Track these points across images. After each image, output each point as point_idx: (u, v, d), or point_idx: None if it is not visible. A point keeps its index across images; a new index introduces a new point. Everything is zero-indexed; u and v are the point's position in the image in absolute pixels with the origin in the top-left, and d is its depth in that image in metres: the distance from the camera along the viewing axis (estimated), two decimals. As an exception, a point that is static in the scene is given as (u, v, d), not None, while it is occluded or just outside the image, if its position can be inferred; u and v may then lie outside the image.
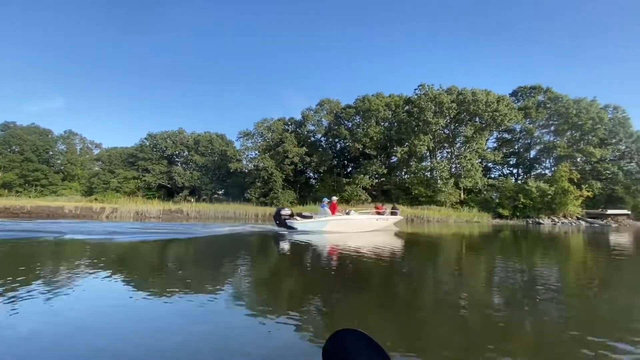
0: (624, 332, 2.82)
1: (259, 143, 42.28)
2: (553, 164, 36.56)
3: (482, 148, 35.62)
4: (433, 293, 4.42)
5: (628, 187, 33.30)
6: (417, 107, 34.78)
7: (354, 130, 38.66)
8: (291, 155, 38.44)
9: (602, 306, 3.76)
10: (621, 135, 35.03)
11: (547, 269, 6.34)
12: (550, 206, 29.93)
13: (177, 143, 46.65)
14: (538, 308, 3.55)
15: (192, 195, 44.22)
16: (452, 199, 33.40)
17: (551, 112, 36.12)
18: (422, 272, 5.98)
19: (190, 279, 4.47)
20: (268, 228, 13.31)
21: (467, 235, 14.64)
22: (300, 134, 42.06)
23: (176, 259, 6.36)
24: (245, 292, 3.94)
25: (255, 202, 36.91)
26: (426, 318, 3.27)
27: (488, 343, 2.52)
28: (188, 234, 10.98)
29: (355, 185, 37.47)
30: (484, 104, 32.65)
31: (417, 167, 36.66)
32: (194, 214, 23.01)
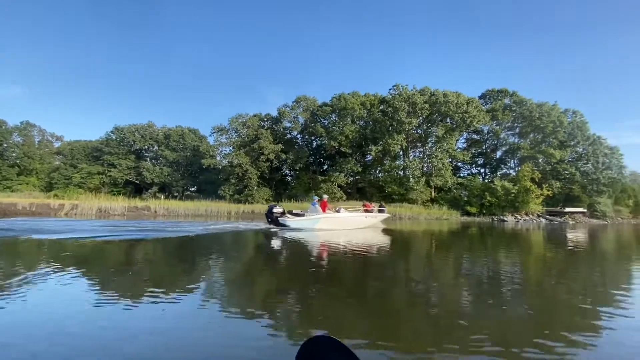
0: (578, 321, 3.03)
1: (234, 139, 41.39)
2: (517, 164, 38.48)
3: (453, 148, 36.88)
4: (406, 287, 4.50)
5: (584, 187, 35.71)
6: (391, 106, 35.37)
7: (330, 128, 38.75)
8: (267, 152, 37.95)
9: (558, 297, 3.99)
10: (579, 138, 37.42)
11: (510, 263, 6.66)
12: (513, 204, 31.51)
13: (146, 137, 44.70)
14: (501, 300, 3.73)
15: (162, 192, 42.61)
16: (423, 197, 34.35)
17: (516, 115, 37.97)
18: (398, 267, 6.10)
19: (156, 281, 4.21)
20: (243, 227, 12.97)
21: (438, 232, 15.23)
22: (276, 131, 41.61)
23: (142, 260, 6.03)
24: (217, 293, 3.76)
25: (229, 199, 36.14)
26: (399, 311, 3.32)
27: (456, 333, 2.61)
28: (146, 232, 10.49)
29: (331, 183, 37.64)
30: (455, 106, 33.77)
31: (391, 165, 37.37)
32: (163, 212, 22.10)
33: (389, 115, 35.94)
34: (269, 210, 13.16)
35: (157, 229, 11.70)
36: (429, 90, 35.85)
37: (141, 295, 3.51)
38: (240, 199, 35.91)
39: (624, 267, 6.70)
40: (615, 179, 37.06)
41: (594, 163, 36.80)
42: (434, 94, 35.00)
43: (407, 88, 36.46)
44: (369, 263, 6.39)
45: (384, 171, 38.48)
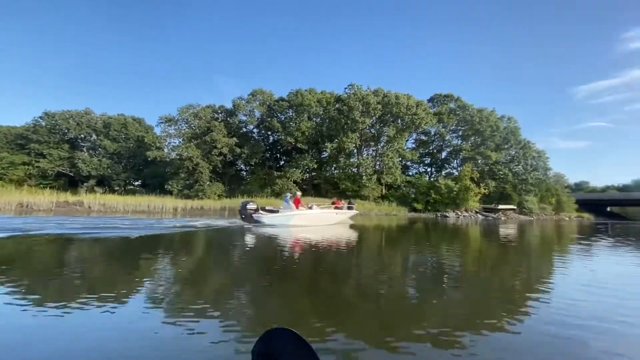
0: (509, 304, 3.34)
1: (184, 130, 39.23)
2: (459, 165, 41.55)
3: (402, 148, 38.73)
4: (360, 280, 4.61)
5: (515, 186, 39.68)
6: (346, 105, 36.07)
7: (287, 123, 38.48)
8: (220, 146, 36.57)
9: (492, 285, 4.39)
10: (512, 142, 41.41)
11: (451, 256, 7.19)
12: (455, 201, 34.04)
13: (82, 125, 40.52)
14: (443, 290, 3.98)
15: (101, 185, 39.10)
16: (375, 193, 35.66)
17: (460, 119, 40.94)
18: (355, 260, 6.24)
19: (94, 285, 3.76)
20: (190, 224, 12.15)
21: (389, 228, 15.96)
22: (231, 124, 40.23)
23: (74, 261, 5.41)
24: (165, 294, 3.44)
25: (178, 194, 34.26)
26: (352, 302, 3.36)
27: (404, 321, 2.76)
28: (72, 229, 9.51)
29: (287, 179, 37.45)
30: (405, 108, 35.45)
31: (346, 163, 38.20)
32: (98, 207, 20.16)
33: (344, 113, 36.63)
34: (243, 207, 13.03)
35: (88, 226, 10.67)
36: (382, 91, 37.17)
37: (72, 303, 3.08)
38: (190, 194, 34.21)
39: (546, 257, 7.66)
40: (541, 180, 41.73)
41: (524, 165, 41.04)
42: (387, 95, 36.37)
43: (362, 88, 37.46)
44: (329, 257, 6.51)
45: (339, 168, 39.19)
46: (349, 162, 38.29)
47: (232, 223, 13.32)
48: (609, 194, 62.58)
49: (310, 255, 6.74)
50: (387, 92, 36.90)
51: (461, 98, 42.15)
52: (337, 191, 37.25)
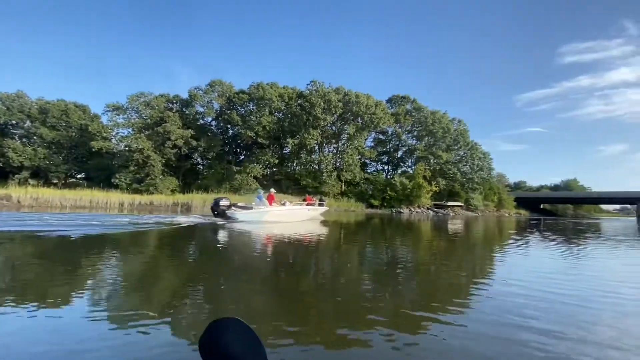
0: (455, 295, 3.58)
1: (134, 120, 36.68)
2: (413, 163, 43.73)
3: (362, 146, 39.86)
4: (318, 273, 4.65)
5: (463, 185, 42.73)
6: (308, 102, 36.22)
7: (247, 117, 37.64)
8: (174, 138, 34.76)
9: (441, 276, 4.68)
10: (461, 143, 44.44)
11: (405, 249, 7.60)
12: (409, 198, 35.86)
13: (13, 110, 36.13)
14: (397, 281, 4.17)
15: (36, 178, 35.28)
16: (334, 190, 36.33)
17: (415, 120, 43.03)
18: (315, 254, 6.31)
19: (25, 288, 3.36)
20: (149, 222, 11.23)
21: (348, 223, 16.43)
22: (186, 115, 38.37)
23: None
24: (109, 297, 3.16)
25: (127, 188, 32.02)
26: (309, 296, 3.38)
27: (359, 312, 2.82)
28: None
29: (247, 174, 36.73)
30: (365, 107, 36.46)
31: (307, 159, 38.37)
32: (29, 202, 18.14)
33: (306, 110, 36.72)
34: (215, 203, 12.97)
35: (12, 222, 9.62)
36: (343, 89, 37.82)
37: None
38: (141, 188, 32.13)
39: (488, 249, 8.43)
40: (485, 179, 45.38)
41: (471, 165, 44.30)
42: (347, 94, 37.09)
43: (324, 85, 37.82)
44: (295, 252, 6.55)
45: (300, 164, 39.26)
46: (310, 159, 38.52)
47: (207, 219, 12.92)
48: (542, 192, 69.86)
49: (276, 250, 6.77)
50: (347, 91, 37.63)
51: (417, 100, 44.33)
52: (297, 187, 37.33)
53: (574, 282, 4.31)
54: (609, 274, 5.08)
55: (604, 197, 58.77)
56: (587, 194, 63.33)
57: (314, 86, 37.79)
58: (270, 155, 37.98)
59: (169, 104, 39.14)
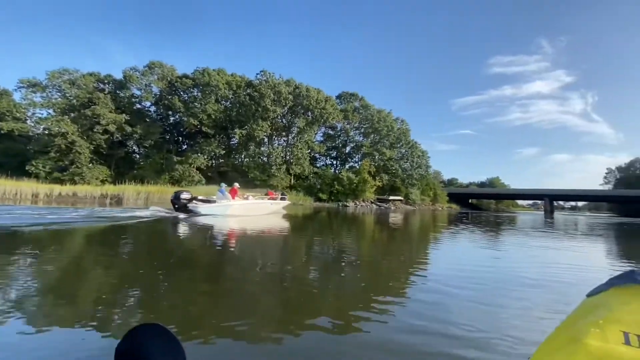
0: (395, 285, 3.76)
1: (55, 100, 32.26)
2: (360, 159, 45.42)
3: (311, 140, 40.22)
4: (265, 267, 4.56)
5: (403, 180, 45.58)
6: (257, 92, 35.34)
7: (191, 103, 35.46)
8: (105, 122, 31.38)
9: (382, 267, 4.88)
10: (403, 141, 47.29)
11: (350, 241, 7.84)
12: (354, 192, 37.25)
13: None
14: (342, 273, 4.26)
15: None
16: (283, 183, 36.19)
17: (362, 117, 44.63)
18: (263, 248, 6.16)
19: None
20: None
21: (296, 216, 16.60)
22: (120, 98, 34.84)
23: None
24: (23, 301, 2.72)
25: (46, 178, 28.16)
26: (256, 291, 3.29)
27: (303, 307, 2.81)
28: None
29: (189, 165, 34.73)
30: (315, 101, 36.77)
31: (255, 151, 37.54)
32: None
33: (255, 100, 35.80)
34: (176, 197, 12.68)
35: None
36: (294, 82, 37.65)
37: None
38: (63, 178, 28.50)
39: (424, 239, 9.15)
40: (423, 175, 48.96)
41: (411, 162, 47.43)
42: (298, 87, 37.02)
43: (274, 76, 37.20)
44: (247, 245, 6.44)
45: (248, 156, 38.27)
46: (259, 151, 37.74)
47: (169, 213, 12.18)
48: (470, 189, 77.62)
49: (232, 244, 6.56)
50: (298, 84, 37.55)
51: (365, 98, 45.96)
52: (245, 180, 36.35)
53: (494, 268, 4.98)
54: (522, 262, 5.91)
55: (519, 193, 67.54)
56: (507, 190, 72.20)
57: (264, 76, 36.98)
58: (215, 145, 36.36)
59: (100, 84, 35.16)
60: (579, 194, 59.42)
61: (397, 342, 2.18)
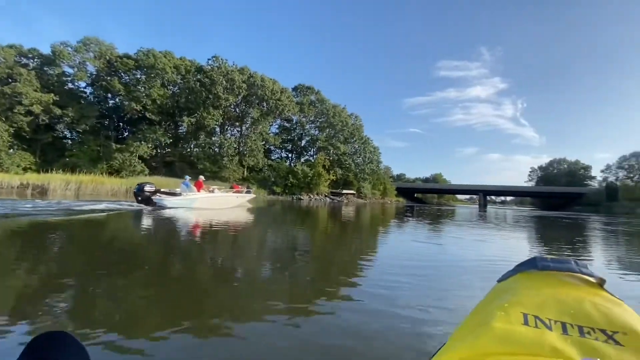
0: (349, 273, 3.79)
1: (-39, 73, 27.50)
2: (315, 153, 45.88)
3: (266, 131, 39.51)
4: (214, 261, 4.38)
5: (356, 175, 47.04)
6: (209, 78, 33.66)
7: (133, 86, 32.60)
8: (28, 102, 27.55)
9: (335, 258, 4.93)
10: (356, 137, 48.67)
11: (303, 233, 7.79)
12: (309, 186, 37.55)
13: None
14: (294, 265, 4.22)
15: None
16: (235, 175, 35.17)
17: (318, 111, 44.98)
18: (211, 242, 5.85)
19: None
20: None
21: (250, 209, 16.05)
22: (48, 75, 30.77)
23: None
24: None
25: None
26: (204, 288, 3.13)
27: (255, 301, 2.71)
28: None
29: (130, 153, 32.01)
30: (270, 92, 36.09)
31: (206, 141, 35.86)
32: None
33: (206, 87, 34.06)
34: (139, 189, 12.32)
35: None
36: (248, 70, 36.53)
37: None
38: (-28, 163, 24.58)
39: (375, 231, 9.49)
40: (374, 171, 50.99)
41: (363, 157, 49.08)
42: (253, 76, 36.00)
43: (227, 63, 35.69)
44: (203, 238, 6.10)
45: (198, 146, 36.44)
46: (209, 141, 36.08)
47: (135, 205, 11.67)
48: (416, 184, 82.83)
49: (190, 238, 6.23)
50: (253, 73, 36.52)
51: (321, 92, 46.32)
52: (194, 171, 34.58)
53: (435, 257, 5.41)
54: (460, 251, 6.48)
55: (458, 189, 73.84)
56: (447, 186, 78.46)
57: (216, 62, 35.28)
58: (161, 133, 33.95)
59: (22, 58, 30.68)
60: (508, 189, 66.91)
61: (354, 325, 2.28)
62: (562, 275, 0.73)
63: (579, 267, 0.76)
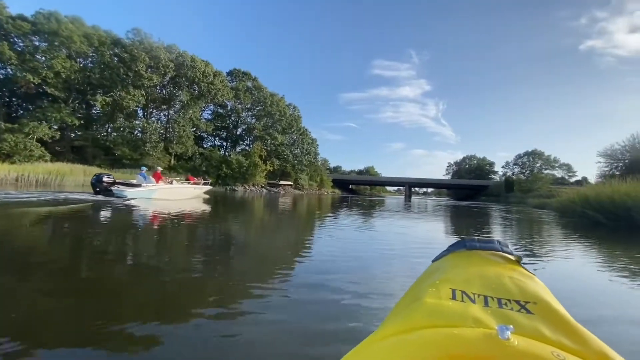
0: (285, 261, 3.68)
1: None
2: (251, 142, 44.44)
3: (197, 117, 36.75)
4: (138, 260, 3.78)
5: (294, 166, 46.97)
6: (128, 53, 29.78)
7: (29, 55, 27.12)
8: None
9: (269, 252, 4.62)
10: (294, 128, 48.49)
11: (237, 226, 7.25)
12: (244, 176, 36.25)
13: None
14: (226, 260, 3.91)
15: None
16: (161, 164, 32.03)
17: (255, 99, 43.45)
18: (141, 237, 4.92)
19: None
20: None
21: (206, 200, 15.62)
22: None
23: None
24: None
25: None
26: (122, 289, 2.71)
27: (180, 299, 2.45)
28: None
29: (25, 135, 26.72)
30: (202, 74, 33.55)
31: (125, 124, 31.86)
32: None
33: (125, 63, 30.10)
34: (98, 180, 12.23)
35: None
36: (177, 49, 33.34)
37: None
38: None
39: (311, 221, 9.35)
40: (312, 162, 51.57)
41: (301, 149, 49.24)
42: (182, 55, 32.98)
43: (151, 38, 31.98)
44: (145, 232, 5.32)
45: (115, 130, 32.22)
46: (129, 124, 32.14)
47: (92, 196, 11.28)
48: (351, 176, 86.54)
49: (131, 232, 5.32)
50: (182, 52, 33.44)
51: (257, 79, 44.71)
52: (110, 158, 30.60)
53: (367, 244, 5.53)
54: (389, 238, 6.76)
55: (388, 181, 79.38)
56: (379, 178, 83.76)
57: (138, 36, 31.32)
58: (68, 113, 29.05)
59: None
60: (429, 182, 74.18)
61: (293, 302, 2.34)
62: (486, 253, 0.84)
63: (501, 246, 0.87)
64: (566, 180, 64.63)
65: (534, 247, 5.66)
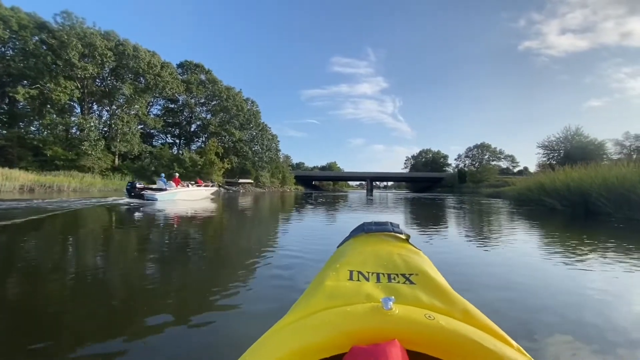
0: (249, 262, 3.38)
1: None
2: (207, 139, 41.85)
3: (144, 112, 33.58)
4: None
5: (254, 163, 45.15)
6: (57, 39, 26.10)
7: None
8: None
9: (228, 253, 4.17)
10: (253, 123, 46.57)
11: (194, 229, 6.32)
12: (199, 175, 33.89)
13: None
14: (186, 264, 3.58)
15: None
16: (102, 164, 28.80)
17: (209, 93, 40.86)
18: None
19: None
20: None
21: (214, 200, 16.81)
22: None
23: None
24: None
25: None
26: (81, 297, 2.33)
27: (141, 306, 2.17)
28: None
29: None
30: (147, 65, 30.56)
31: (56, 120, 28.00)
32: None
33: (53, 50, 26.34)
34: (132, 186, 14.47)
35: None
36: (116, 36, 29.98)
37: None
38: None
39: (274, 220, 8.51)
40: (273, 159, 50.03)
41: (261, 145, 47.51)
42: (123, 43, 29.71)
43: (84, 23, 28.32)
44: None
45: (44, 127, 28.20)
46: (62, 121, 28.30)
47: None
48: (314, 172, 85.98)
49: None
50: (123, 40, 30.14)
51: (212, 72, 42.08)
52: (39, 159, 26.73)
53: (328, 239, 4.86)
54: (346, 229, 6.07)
55: (350, 176, 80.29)
56: (341, 173, 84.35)
57: (68, 20, 27.55)
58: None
59: None
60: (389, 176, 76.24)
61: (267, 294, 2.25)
62: (382, 235, 0.91)
63: (393, 227, 0.96)
64: (510, 170, 70.02)
65: (491, 235, 5.34)
